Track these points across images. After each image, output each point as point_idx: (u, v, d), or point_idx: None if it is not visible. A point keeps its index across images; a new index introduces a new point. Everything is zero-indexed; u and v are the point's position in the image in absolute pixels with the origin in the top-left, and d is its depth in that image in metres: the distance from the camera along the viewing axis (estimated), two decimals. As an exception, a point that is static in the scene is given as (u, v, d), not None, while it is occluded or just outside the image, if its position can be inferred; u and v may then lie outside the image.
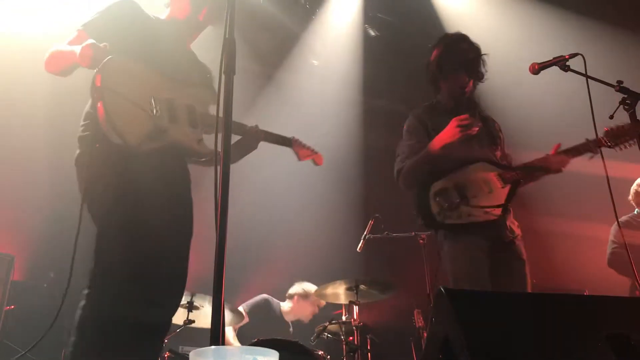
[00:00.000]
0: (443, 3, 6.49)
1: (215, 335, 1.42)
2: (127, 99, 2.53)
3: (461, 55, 3.53)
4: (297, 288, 5.71)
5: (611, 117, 3.00)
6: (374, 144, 7.14)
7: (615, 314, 1.96)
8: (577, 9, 5.97)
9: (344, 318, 4.79)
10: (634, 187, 5.16)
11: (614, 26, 5.90)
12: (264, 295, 5.62)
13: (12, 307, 5.16)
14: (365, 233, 5.02)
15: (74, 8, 5.54)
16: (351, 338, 4.47)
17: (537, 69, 3.18)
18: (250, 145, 3.21)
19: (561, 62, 3.13)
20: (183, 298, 4.53)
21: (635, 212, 5.11)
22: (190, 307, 4.49)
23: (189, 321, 4.48)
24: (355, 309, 4.52)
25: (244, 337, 5.14)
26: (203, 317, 4.64)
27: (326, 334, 4.66)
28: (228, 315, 4.83)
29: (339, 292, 4.77)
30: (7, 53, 5.46)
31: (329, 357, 4.31)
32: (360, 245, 5.02)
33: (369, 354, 4.82)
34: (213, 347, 1.36)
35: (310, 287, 5.60)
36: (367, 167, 7.21)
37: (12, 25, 5.48)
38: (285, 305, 5.68)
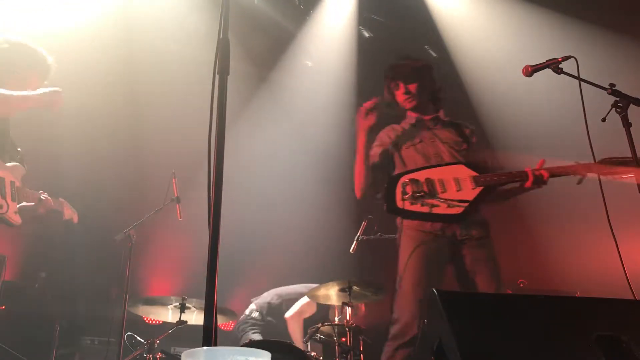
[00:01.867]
0: (437, 5, 6.50)
1: (208, 336, 1.41)
2: None
3: (396, 69, 3.82)
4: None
5: (603, 119, 3.02)
6: (367, 145, 7.13)
7: (606, 316, 1.97)
8: (571, 11, 5.99)
9: (336, 319, 4.79)
10: None
11: (607, 29, 5.93)
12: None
13: (3, 307, 5.13)
14: (358, 234, 5.02)
15: (74, 8, 5.54)
16: (344, 339, 4.46)
17: (530, 71, 3.20)
18: None
19: (554, 65, 3.15)
20: (175, 300, 4.55)
21: None
22: (183, 308, 4.48)
23: (181, 322, 4.47)
24: (348, 310, 4.52)
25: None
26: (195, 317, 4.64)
27: (318, 335, 4.65)
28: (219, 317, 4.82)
29: (331, 293, 4.76)
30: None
31: (321, 358, 4.31)
32: (353, 246, 5.01)
33: (362, 355, 4.81)
34: (205, 347, 1.36)
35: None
36: (361, 169, 7.19)
37: (12, 25, 5.46)
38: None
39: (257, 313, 5.38)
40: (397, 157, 3.63)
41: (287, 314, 5.29)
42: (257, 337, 5.11)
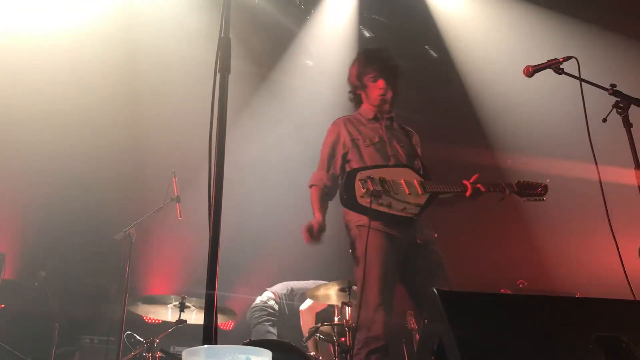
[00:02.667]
0: (438, 5, 6.49)
1: (208, 335, 1.41)
2: None
3: (380, 63, 3.75)
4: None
5: (604, 120, 3.02)
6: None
7: (606, 316, 1.97)
8: (571, 11, 5.99)
9: (336, 319, 4.78)
10: None
11: (608, 30, 5.93)
12: None
13: (2, 305, 5.13)
14: (358, 234, 5.01)
15: (74, 8, 5.54)
16: (343, 339, 4.46)
17: (531, 71, 3.20)
18: None
19: (555, 65, 3.15)
20: (174, 299, 4.55)
21: None
22: (182, 307, 4.47)
23: (181, 321, 4.46)
24: (348, 310, 4.52)
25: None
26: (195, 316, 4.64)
27: (318, 335, 4.65)
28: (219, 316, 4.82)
29: (331, 293, 4.76)
30: (7, 52, 5.45)
31: (320, 358, 4.30)
32: (353, 246, 5.00)
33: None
34: (205, 346, 1.36)
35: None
36: (361, 168, 7.18)
37: (11, 24, 5.46)
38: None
39: (274, 302, 5.36)
40: (355, 154, 3.61)
41: (302, 307, 5.30)
42: (273, 330, 5.11)
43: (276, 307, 5.33)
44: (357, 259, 3.43)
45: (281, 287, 5.52)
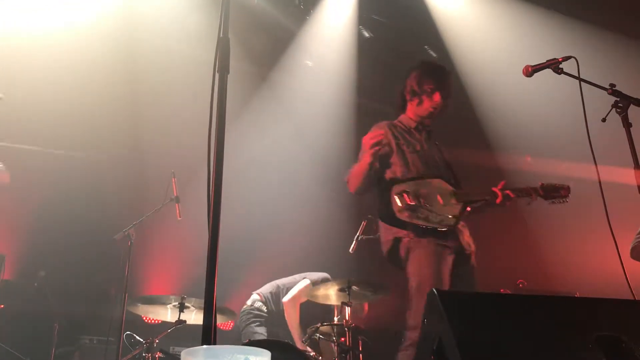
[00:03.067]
0: (438, 5, 6.49)
1: (207, 335, 1.41)
2: None
3: (441, 77, 3.80)
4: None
5: (604, 120, 3.02)
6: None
7: (606, 316, 1.97)
8: (571, 12, 5.99)
9: (335, 319, 4.78)
10: None
11: (608, 30, 5.93)
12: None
13: (2, 306, 5.13)
14: (357, 234, 5.01)
15: (74, 8, 5.54)
16: (343, 339, 4.46)
17: (531, 71, 3.20)
18: None
19: (554, 65, 3.15)
20: (174, 299, 4.55)
21: None
22: (182, 307, 4.47)
23: (180, 321, 4.46)
24: (347, 310, 4.52)
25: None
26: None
27: (318, 335, 4.65)
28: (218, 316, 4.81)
29: (330, 293, 4.76)
30: (7, 52, 5.45)
31: (320, 358, 4.31)
32: (352, 246, 5.00)
33: (361, 355, 4.81)
34: (204, 346, 1.36)
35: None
36: (360, 168, 7.18)
37: (11, 24, 5.46)
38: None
39: (261, 304, 5.36)
40: (400, 158, 3.62)
41: (285, 299, 5.29)
42: (260, 330, 5.11)
43: (264, 307, 5.32)
44: (407, 268, 3.47)
45: (267, 287, 5.51)
